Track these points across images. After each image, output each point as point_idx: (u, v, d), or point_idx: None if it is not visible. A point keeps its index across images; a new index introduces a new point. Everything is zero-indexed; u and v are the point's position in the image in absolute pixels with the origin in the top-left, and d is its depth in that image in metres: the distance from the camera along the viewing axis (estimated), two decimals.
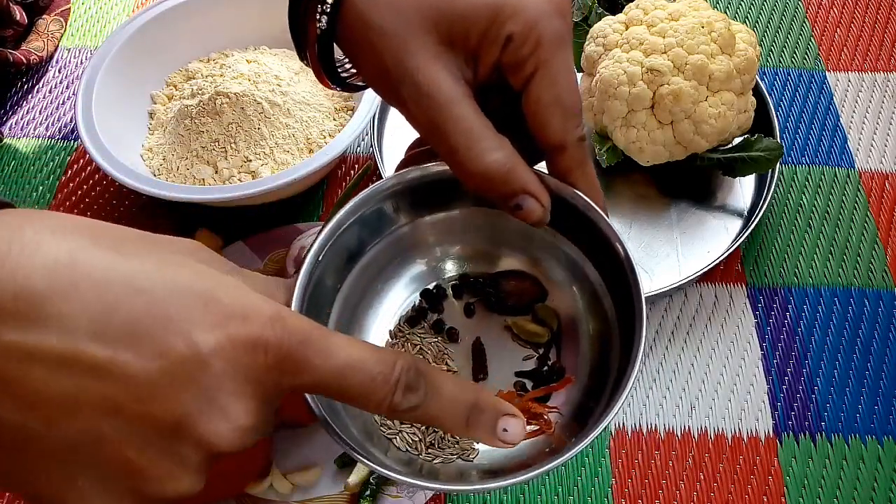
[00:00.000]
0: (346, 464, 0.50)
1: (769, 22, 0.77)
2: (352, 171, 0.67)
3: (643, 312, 0.36)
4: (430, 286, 0.45)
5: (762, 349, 0.57)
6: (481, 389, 0.34)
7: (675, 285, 0.56)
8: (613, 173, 0.64)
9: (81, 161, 0.67)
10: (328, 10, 0.37)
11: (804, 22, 0.77)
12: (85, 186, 0.65)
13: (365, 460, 0.33)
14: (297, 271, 0.38)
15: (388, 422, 0.39)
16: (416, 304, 0.44)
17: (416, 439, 0.38)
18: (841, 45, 0.75)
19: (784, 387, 0.56)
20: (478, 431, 0.33)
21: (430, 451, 0.38)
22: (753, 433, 0.53)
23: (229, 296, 0.28)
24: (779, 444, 0.53)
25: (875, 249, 0.62)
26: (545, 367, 0.41)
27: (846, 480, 0.52)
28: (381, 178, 0.62)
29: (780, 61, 0.74)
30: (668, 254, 0.61)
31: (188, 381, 0.26)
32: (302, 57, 0.40)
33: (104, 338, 0.25)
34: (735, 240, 0.61)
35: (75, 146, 0.68)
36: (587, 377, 0.40)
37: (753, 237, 0.62)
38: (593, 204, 0.38)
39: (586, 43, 0.64)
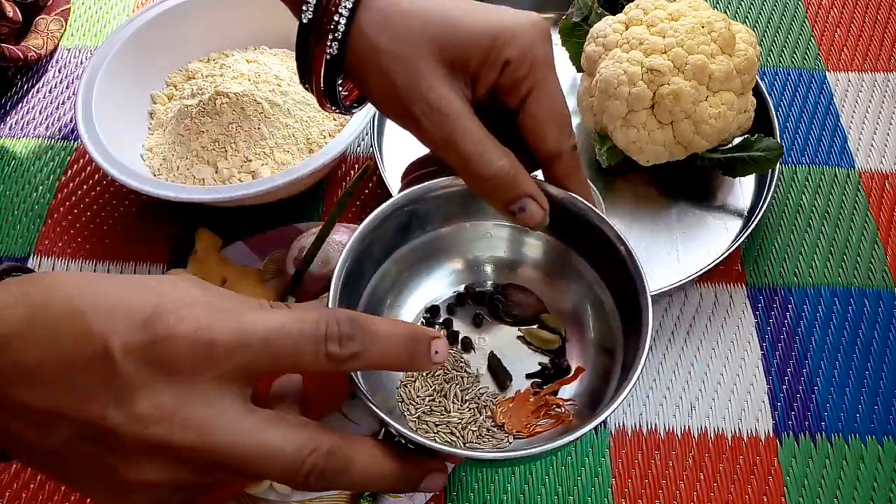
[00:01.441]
0: None
1: (769, 22, 0.77)
2: (352, 171, 0.67)
3: (648, 300, 0.39)
4: (436, 301, 0.47)
5: (762, 349, 0.57)
6: (406, 322, 0.35)
7: (675, 285, 0.56)
8: (613, 173, 0.64)
9: (81, 161, 0.67)
10: (339, 36, 0.39)
11: (804, 22, 0.77)
12: (85, 186, 0.65)
13: (417, 437, 0.36)
14: (327, 287, 0.40)
15: (423, 424, 0.41)
16: (423, 320, 0.47)
17: (455, 437, 0.41)
18: (841, 45, 0.75)
19: (784, 387, 0.56)
20: (418, 362, 0.35)
21: (467, 446, 0.41)
22: (753, 433, 0.53)
23: (148, 301, 0.31)
24: (779, 444, 0.53)
25: (875, 249, 0.62)
26: (552, 366, 0.44)
27: (846, 480, 0.52)
28: (381, 178, 0.62)
29: (780, 61, 0.74)
30: (668, 254, 0.61)
31: (102, 382, 0.30)
32: (305, 81, 0.42)
33: (54, 357, 0.30)
34: (735, 240, 0.61)
35: (75, 146, 0.68)
36: (596, 369, 0.43)
37: (753, 237, 0.62)
38: (591, 206, 0.42)
39: (586, 43, 0.64)
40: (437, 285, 0.48)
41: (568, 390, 0.44)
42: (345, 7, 0.39)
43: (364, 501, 0.49)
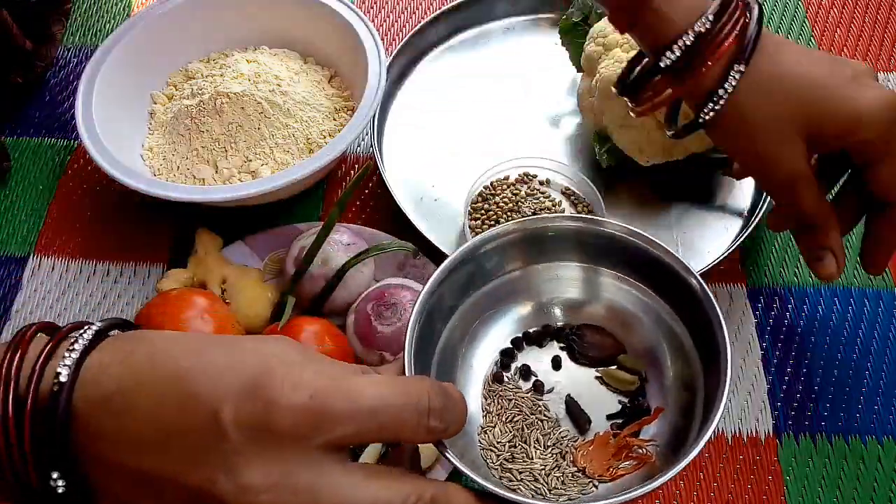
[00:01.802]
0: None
1: (769, 22, 0.77)
2: (352, 171, 0.67)
3: (725, 336, 0.41)
4: (507, 343, 0.47)
5: (762, 349, 0.57)
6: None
7: None
8: (613, 173, 0.64)
9: (81, 161, 0.67)
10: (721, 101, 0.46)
11: (804, 22, 0.77)
12: (85, 186, 0.65)
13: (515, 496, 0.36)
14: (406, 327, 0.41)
15: (507, 473, 0.42)
16: (497, 363, 0.47)
17: (540, 485, 0.41)
18: (841, 45, 0.75)
19: (784, 387, 0.56)
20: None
21: (553, 492, 0.41)
22: (753, 433, 0.53)
23: (256, 372, 0.31)
24: (779, 444, 0.53)
25: None
26: (632, 407, 0.44)
27: (846, 480, 0.52)
28: (382, 178, 0.62)
29: None
30: None
31: (210, 450, 0.30)
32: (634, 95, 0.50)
33: (159, 419, 0.31)
34: (735, 240, 0.61)
35: (75, 146, 0.68)
36: (676, 407, 0.43)
37: (753, 237, 0.62)
38: (659, 242, 0.45)
39: (586, 43, 0.64)
40: (509, 330, 0.48)
41: (649, 430, 0.43)
42: (734, 74, 0.45)
43: None
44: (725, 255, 0.59)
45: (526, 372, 0.46)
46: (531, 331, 0.48)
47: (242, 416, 0.30)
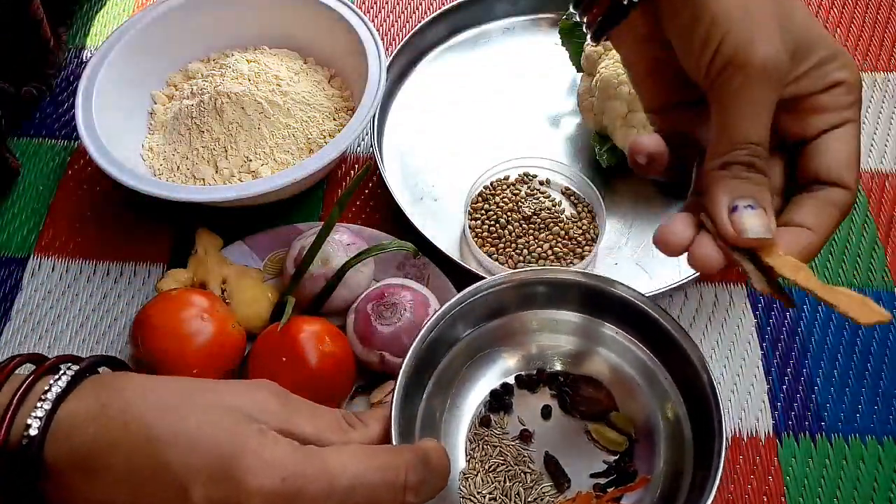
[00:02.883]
0: None
1: None
2: (352, 171, 0.67)
3: (723, 445, 0.39)
4: (498, 385, 0.47)
5: (762, 349, 0.57)
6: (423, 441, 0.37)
7: (674, 285, 0.56)
8: (613, 173, 0.64)
9: (81, 161, 0.67)
10: None
11: None
12: (85, 186, 0.65)
13: None
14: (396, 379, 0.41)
15: None
16: (486, 404, 0.46)
17: None
18: (841, 45, 0.75)
19: (784, 387, 0.56)
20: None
21: None
22: (753, 433, 0.53)
23: (232, 450, 0.31)
24: (779, 444, 0.53)
25: (875, 249, 0.62)
26: (617, 470, 0.43)
27: (846, 480, 0.52)
28: (382, 178, 0.62)
29: None
30: None
31: None
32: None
33: (129, 485, 0.31)
34: None
35: (75, 146, 0.68)
36: (662, 478, 0.42)
37: None
38: (682, 327, 0.43)
39: (586, 43, 0.64)
40: (500, 373, 0.48)
41: (631, 496, 0.43)
42: None
43: None
44: None
45: (508, 416, 0.46)
46: (524, 374, 0.47)
47: (213, 499, 0.30)
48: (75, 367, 0.33)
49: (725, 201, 0.35)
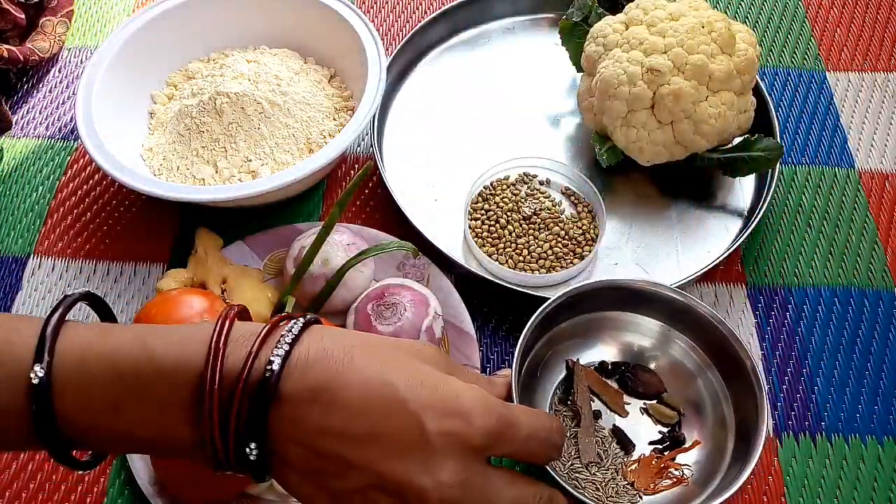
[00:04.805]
0: None
1: (769, 22, 0.77)
2: (352, 171, 0.67)
3: (761, 441, 0.46)
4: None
5: (762, 349, 0.57)
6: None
7: (674, 285, 0.56)
8: (613, 173, 0.64)
9: (81, 161, 0.67)
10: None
11: (804, 22, 0.77)
12: (85, 186, 0.65)
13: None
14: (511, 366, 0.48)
15: (573, 480, 0.49)
16: (561, 389, 0.53)
17: (601, 493, 0.48)
18: (841, 45, 0.75)
19: (784, 387, 0.55)
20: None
21: (609, 500, 0.48)
22: None
23: (451, 393, 0.37)
24: (779, 444, 0.53)
25: (875, 249, 0.62)
26: (671, 437, 0.51)
27: (846, 480, 0.52)
28: (381, 178, 0.62)
29: (780, 61, 0.74)
30: (668, 254, 0.61)
31: (413, 450, 0.36)
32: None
33: (367, 417, 0.36)
34: (735, 240, 0.61)
35: (75, 146, 0.68)
36: (710, 443, 0.50)
37: (753, 237, 0.62)
38: (739, 338, 0.49)
39: (586, 43, 0.64)
40: (580, 360, 0.54)
41: (688, 457, 0.50)
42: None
43: None
44: (725, 255, 0.59)
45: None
46: (597, 362, 0.54)
47: (444, 429, 0.36)
48: (302, 321, 0.38)
49: None
